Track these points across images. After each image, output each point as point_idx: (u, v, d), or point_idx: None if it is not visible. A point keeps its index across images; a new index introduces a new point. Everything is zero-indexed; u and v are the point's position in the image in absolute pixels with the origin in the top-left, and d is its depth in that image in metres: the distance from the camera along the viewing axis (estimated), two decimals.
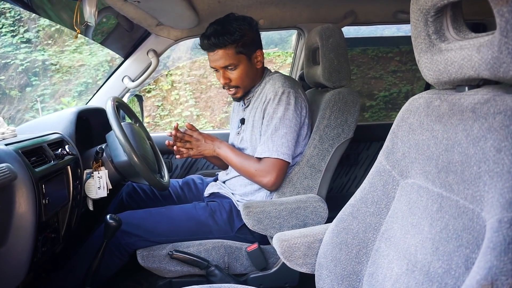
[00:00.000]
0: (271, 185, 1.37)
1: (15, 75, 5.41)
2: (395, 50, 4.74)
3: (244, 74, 1.42)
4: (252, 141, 1.47)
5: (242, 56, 1.40)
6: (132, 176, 1.47)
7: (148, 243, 1.41)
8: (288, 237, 1.07)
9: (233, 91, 1.47)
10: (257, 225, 1.31)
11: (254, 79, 1.48)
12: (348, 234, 0.97)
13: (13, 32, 5.39)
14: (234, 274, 1.42)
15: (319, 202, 1.33)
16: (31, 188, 0.97)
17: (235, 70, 1.41)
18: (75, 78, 5.49)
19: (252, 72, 1.45)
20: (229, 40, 1.36)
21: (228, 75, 1.43)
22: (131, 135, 1.50)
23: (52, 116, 1.44)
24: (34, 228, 0.99)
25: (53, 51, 5.52)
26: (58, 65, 5.49)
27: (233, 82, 1.44)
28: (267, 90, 1.42)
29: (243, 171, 1.42)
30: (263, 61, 1.48)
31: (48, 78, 5.47)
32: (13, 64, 5.32)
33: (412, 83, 4.85)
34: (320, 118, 1.42)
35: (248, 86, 1.47)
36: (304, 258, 1.06)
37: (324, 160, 1.41)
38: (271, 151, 1.36)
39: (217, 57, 1.39)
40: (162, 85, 5.33)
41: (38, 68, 5.44)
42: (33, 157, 1.06)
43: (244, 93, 1.48)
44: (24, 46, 5.37)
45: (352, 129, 1.42)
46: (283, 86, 1.38)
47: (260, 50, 1.46)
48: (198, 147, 1.47)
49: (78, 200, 1.31)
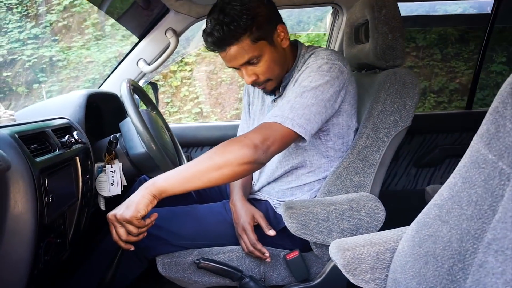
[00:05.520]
0: (251, 145, 0.94)
1: (22, 71, 5.32)
2: (411, 45, 4.51)
3: (271, 62, 1.12)
4: None
5: (261, 42, 1.08)
6: (150, 170, 1.26)
7: (170, 248, 1.20)
8: (351, 245, 0.85)
9: (263, 86, 1.17)
10: (301, 230, 1.09)
11: (286, 62, 1.18)
12: (436, 244, 0.75)
13: (20, 28, 5.30)
14: (270, 286, 1.20)
15: (375, 202, 1.11)
16: (30, 182, 0.76)
17: (260, 63, 1.10)
18: (83, 74, 5.36)
19: (280, 56, 1.14)
20: (239, 29, 1.04)
21: (253, 70, 1.11)
22: (149, 123, 1.29)
23: (58, 99, 1.23)
24: (34, 232, 0.78)
25: (60, 47, 5.41)
26: (65, 61, 5.38)
27: (262, 77, 1.13)
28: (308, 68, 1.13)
29: (216, 162, 0.92)
30: (288, 37, 1.17)
31: (55, 74, 5.36)
32: (20, 60, 5.23)
33: (430, 79, 4.63)
34: (373, 103, 1.20)
35: (281, 73, 1.18)
36: (372, 272, 0.84)
37: (379, 152, 1.18)
38: (283, 117, 1.00)
39: (232, 55, 1.08)
40: (172, 81, 5.23)
41: (45, 65, 5.34)
42: (33, 144, 0.85)
43: (277, 85, 1.19)
44: (31, 42, 5.27)
45: (410, 115, 1.19)
46: (328, 58, 1.11)
47: (281, 25, 1.13)
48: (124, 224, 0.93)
49: (88, 198, 1.10)
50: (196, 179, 0.92)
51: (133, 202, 0.91)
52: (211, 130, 1.94)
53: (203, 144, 1.93)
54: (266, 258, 1.14)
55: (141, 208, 0.90)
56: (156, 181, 0.93)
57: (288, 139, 1.01)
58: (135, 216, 0.90)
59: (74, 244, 1.05)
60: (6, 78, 5.22)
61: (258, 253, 1.14)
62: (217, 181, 0.93)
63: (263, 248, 1.14)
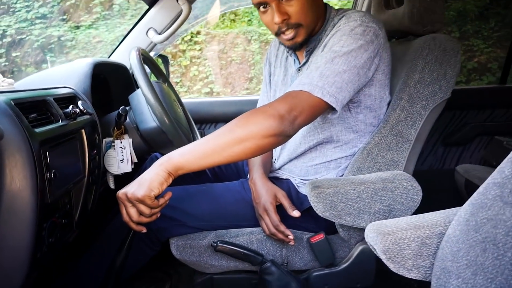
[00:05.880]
0: (276, 115, 0.83)
1: (30, 51, 5.25)
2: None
3: (306, 4, 1.00)
4: None
5: None
6: (163, 146, 1.17)
7: (185, 230, 1.11)
8: (391, 229, 0.75)
9: (293, 34, 1.03)
10: (328, 211, 0.99)
11: (318, 17, 1.06)
12: (497, 228, 0.64)
13: (27, 7, 5.21)
14: (292, 271, 1.11)
15: (411, 182, 1.00)
16: (29, 155, 0.67)
17: (294, 0, 0.99)
18: (91, 54, 5.27)
19: (315, 5, 1.02)
20: None
21: (285, 8, 0.99)
22: (161, 95, 1.19)
23: (61, 68, 1.12)
24: (35, 212, 0.69)
25: (68, 27, 5.32)
26: (74, 41, 5.29)
27: (294, 18, 1.00)
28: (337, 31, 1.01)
29: (238, 135, 0.83)
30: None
31: (64, 54, 5.28)
32: (28, 40, 5.15)
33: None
34: (409, 71, 1.07)
35: (311, 25, 1.04)
36: (416, 260, 0.74)
37: (415, 126, 1.07)
38: (312, 85, 0.89)
39: None
40: (181, 60, 5.14)
41: (54, 44, 5.26)
42: (32, 113, 0.76)
43: (306, 37, 1.05)
44: (39, 22, 5.18)
45: (451, 86, 1.07)
46: (361, 20, 0.98)
47: None
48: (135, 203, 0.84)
49: (96, 175, 1.01)
50: (216, 154, 0.82)
51: (146, 179, 0.82)
52: (226, 106, 1.83)
53: (217, 120, 1.82)
54: (290, 241, 1.05)
55: (154, 187, 0.81)
56: (171, 156, 0.83)
57: (317, 110, 0.90)
58: (148, 195, 0.81)
59: (81, 225, 0.96)
60: (15, 58, 5.16)
61: (281, 236, 1.05)
62: (239, 156, 0.83)
63: (286, 230, 1.04)
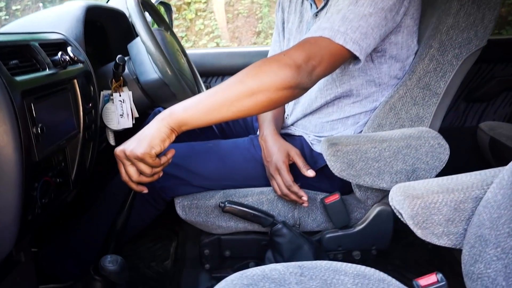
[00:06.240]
0: (293, 65, 0.73)
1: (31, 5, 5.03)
2: None
3: None
4: None
5: None
6: (165, 100, 1.07)
7: (190, 189, 1.04)
8: (420, 192, 0.67)
9: None
10: (346, 170, 0.91)
11: None
12: None
13: None
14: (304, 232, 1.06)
15: (438, 139, 0.91)
16: (8, 107, 0.58)
17: None
18: None
19: None
20: None
21: None
22: (163, 44, 1.08)
23: (49, 11, 1.00)
24: (21, 171, 0.61)
25: None
26: None
27: None
28: None
29: (249, 87, 0.73)
30: None
31: None
32: None
33: None
34: (441, 15, 0.95)
35: None
36: (447, 226, 0.66)
37: (444, 78, 0.95)
38: (333, 30, 0.78)
39: None
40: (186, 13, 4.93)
41: None
42: (13, 59, 0.66)
43: None
44: None
45: (488, 32, 0.94)
46: None
47: None
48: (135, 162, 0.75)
49: (94, 131, 0.93)
50: (224, 108, 0.72)
51: (146, 136, 0.74)
52: (233, 57, 1.71)
53: (224, 73, 1.71)
54: (304, 202, 0.98)
55: (155, 144, 0.73)
56: (174, 110, 0.74)
57: (339, 59, 0.79)
58: (148, 153, 0.73)
59: (79, 184, 0.89)
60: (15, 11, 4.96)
61: (294, 197, 0.97)
62: (249, 110, 0.73)
63: (300, 190, 0.97)
